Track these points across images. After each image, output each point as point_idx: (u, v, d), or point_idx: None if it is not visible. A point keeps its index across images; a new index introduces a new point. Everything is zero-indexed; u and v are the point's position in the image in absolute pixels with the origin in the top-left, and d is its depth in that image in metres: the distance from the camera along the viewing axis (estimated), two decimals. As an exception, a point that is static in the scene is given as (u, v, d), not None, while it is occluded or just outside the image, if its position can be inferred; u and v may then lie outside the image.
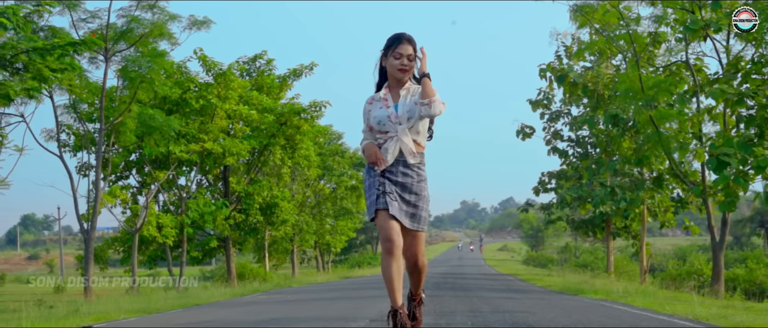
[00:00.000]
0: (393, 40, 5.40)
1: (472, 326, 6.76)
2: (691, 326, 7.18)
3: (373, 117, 5.43)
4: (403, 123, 5.37)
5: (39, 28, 19.93)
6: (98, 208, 23.83)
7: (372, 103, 5.52)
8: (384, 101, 5.45)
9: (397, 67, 5.36)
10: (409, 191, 5.40)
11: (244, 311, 10.74)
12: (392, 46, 5.38)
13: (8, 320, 10.91)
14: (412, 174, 5.42)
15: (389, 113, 5.39)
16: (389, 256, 5.23)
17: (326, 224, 46.06)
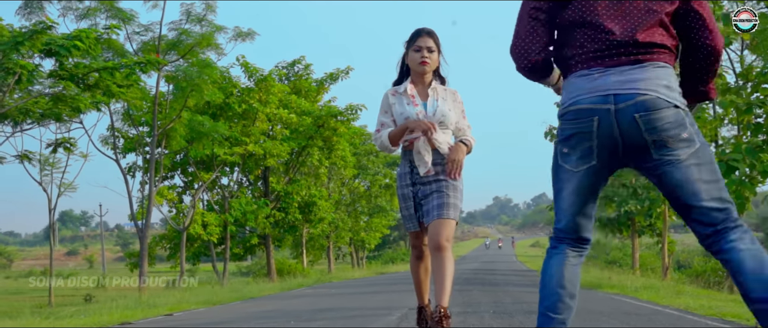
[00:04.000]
0: (414, 34, 5.30)
1: (490, 314, 8.14)
2: (650, 307, 8.58)
3: (399, 113, 5.22)
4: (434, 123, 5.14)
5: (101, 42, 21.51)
6: (151, 208, 25.39)
7: (396, 96, 5.32)
8: (411, 98, 5.26)
9: (418, 61, 5.20)
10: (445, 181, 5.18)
11: (298, 302, 12.14)
12: (413, 40, 5.27)
13: (93, 310, 12.41)
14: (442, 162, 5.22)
15: (417, 111, 5.20)
16: (417, 260, 5.39)
17: (361, 221, 46.83)
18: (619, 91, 3.06)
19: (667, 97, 3.00)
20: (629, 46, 3.10)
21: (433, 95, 5.28)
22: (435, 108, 5.22)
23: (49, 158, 26.43)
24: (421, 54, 5.20)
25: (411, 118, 5.13)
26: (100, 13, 23.91)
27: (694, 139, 3.01)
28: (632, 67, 3.09)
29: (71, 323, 9.57)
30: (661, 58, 3.08)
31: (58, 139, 24.31)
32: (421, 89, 5.32)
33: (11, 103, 20.03)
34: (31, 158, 24.48)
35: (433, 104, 5.24)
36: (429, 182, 5.16)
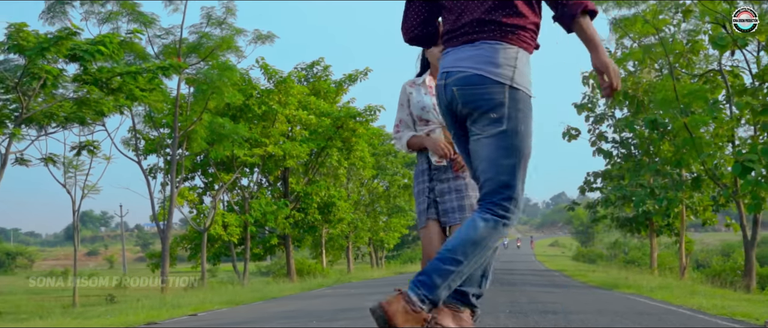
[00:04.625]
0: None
1: (507, 313, 8.35)
2: (663, 306, 8.76)
3: (416, 101, 5.08)
4: None
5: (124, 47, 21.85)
6: (173, 209, 25.71)
7: (414, 87, 5.17)
8: (429, 88, 5.10)
9: (437, 56, 4.85)
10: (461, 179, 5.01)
11: (319, 302, 12.38)
12: None
13: (119, 310, 12.70)
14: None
15: (434, 102, 4.98)
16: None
17: (380, 222, 46.94)
18: (450, 68, 3.29)
19: (489, 73, 3.16)
20: (466, 27, 3.28)
21: None
22: None
23: (73, 161, 26.77)
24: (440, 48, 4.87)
25: (426, 107, 4.99)
26: (121, 17, 24.25)
27: (503, 121, 3.15)
28: (464, 46, 3.27)
29: (99, 323, 9.83)
30: (494, 37, 3.21)
31: (81, 142, 24.69)
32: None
33: (36, 108, 20.40)
34: (56, 161, 24.86)
35: None
36: (447, 179, 4.99)
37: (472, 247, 3.18)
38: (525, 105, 3.18)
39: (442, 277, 3.16)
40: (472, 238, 3.19)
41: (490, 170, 3.23)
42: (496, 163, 3.20)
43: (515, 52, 3.18)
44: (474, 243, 3.19)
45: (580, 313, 8.42)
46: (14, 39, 18.41)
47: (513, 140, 3.17)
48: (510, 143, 3.17)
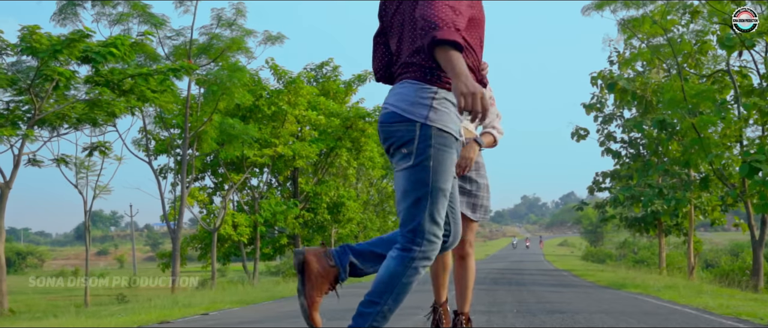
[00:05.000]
0: None
1: (515, 312, 8.47)
2: (669, 306, 8.87)
3: None
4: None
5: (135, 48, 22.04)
6: (183, 209, 25.89)
7: None
8: None
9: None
10: (469, 182, 5.17)
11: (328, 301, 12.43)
12: None
13: (132, 310, 12.85)
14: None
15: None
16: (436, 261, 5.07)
17: (389, 221, 47.10)
18: (383, 105, 3.48)
19: (403, 111, 3.32)
20: (399, 67, 3.49)
21: None
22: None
23: (84, 162, 27.00)
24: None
25: None
26: (132, 19, 24.43)
27: (411, 157, 3.31)
28: (396, 85, 3.48)
29: (113, 322, 9.97)
30: (415, 77, 3.38)
31: (93, 143, 24.90)
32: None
33: (48, 109, 20.61)
34: (68, 162, 25.07)
35: None
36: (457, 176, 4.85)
37: (385, 286, 3.35)
38: (439, 142, 3.30)
39: (363, 320, 3.36)
40: (384, 277, 3.36)
41: (399, 203, 3.40)
42: (404, 196, 3.35)
43: (433, 91, 3.33)
44: (386, 282, 3.35)
45: (586, 312, 8.54)
46: (27, 41, 18.63)
47: (421, 175, 3.30)
48: (418, 178, 3.30)
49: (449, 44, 3.11)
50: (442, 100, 3.35)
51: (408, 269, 3.34)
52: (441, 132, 3.31)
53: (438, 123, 3.31)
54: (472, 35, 3.45)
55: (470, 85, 3.06)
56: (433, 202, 3.31)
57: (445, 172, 3.34)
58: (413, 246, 3.33)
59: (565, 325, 6.96)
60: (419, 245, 3.33)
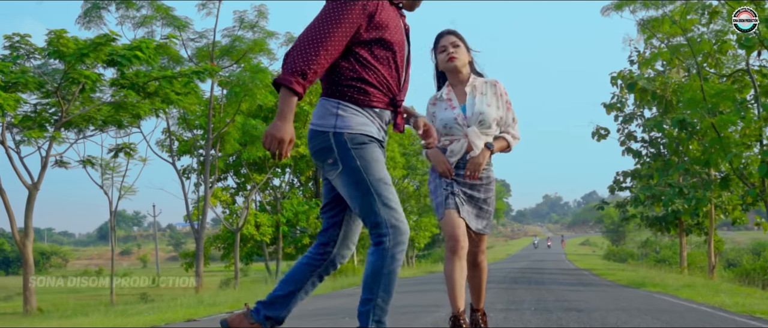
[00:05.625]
0: (435, 39, 5.23)
1: (532, 310, 8.64)
2: (685, 304, 9.01)
3: (438, 120, 5.12)
4: (472, 125, 5.04)
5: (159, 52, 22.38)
6: (207, 209, 26.20)
7: (436, 104, 5.21)
8: (448, 102, 5.13)
9: (445, 59, 5.08)
10: (477, 191, 5.10)
11: (349, 300, 12.64)
12: (435, 45, 5.21)
13: (158, 308, 13.12)
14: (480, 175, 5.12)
15: (455, 115, 5.06)
16: (453, 256, 4.93)
17: (410, 221, 47.20)
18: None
19: (316, 126, 3.73)
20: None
21: (472, 93, 5.12)
22: (473, 108, 5.04)
23: (110, 163, 27.42)
24: (446, 52, 5.10)
25: (448, 123, 5.05)
26: (156, 21, 24.78)
27: (338, 164, 3.67)
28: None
29: (141, 321, 10.21)
30: (324, 93, 3.78)
31: (118, 144, 25.29)
32: (460, 90, 5.17)
33: (75, 111, 20.97)
34: (94, 163, 25.46)
35: (471, 106, 5.06)
36: (465, 183, 5.08)
37: (372, 281, 3.70)
38: (355, 142, 3.65)
39: (365, 319, 3.73)
40: (369, 274, 3.71)
41: (353, 207, 3.74)
42: (353, 200, 3.70)
43: (336, 103, 3.70)
44: (371, 278, 3.70)
45: (603, 310, 8.69)
46: (55, 45, 18.99)
47: (354, 176, 3.65)
48: (353, 180, 3.66)
49: (285, 87, 3.50)
50: (347, 107, 3.69)
51: (386, 259, 3.66)
52: (352, 135, 3.65)
53: (346, 128, 3.66)
54: (377, 55, 3.75)
55: (277, 130, 3.47)
56: (378, 193, 3.64)
57: (373, 162, 3.69)
58: (382, 238, 3.65)
59: (581, 322, 7.12)
60: (386, 234, 3.64)
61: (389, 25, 3.78)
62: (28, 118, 21.27)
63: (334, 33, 3.60)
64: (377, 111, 3.79)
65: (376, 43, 3.75)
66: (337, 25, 3.61)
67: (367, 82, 3.73)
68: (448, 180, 5.06)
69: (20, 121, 20.96)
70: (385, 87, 3.80)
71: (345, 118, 3.67)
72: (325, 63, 3.58)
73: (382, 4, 3.77)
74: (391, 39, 3.78)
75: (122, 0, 24.06)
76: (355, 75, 3.71)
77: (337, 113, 3.68)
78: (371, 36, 3.73)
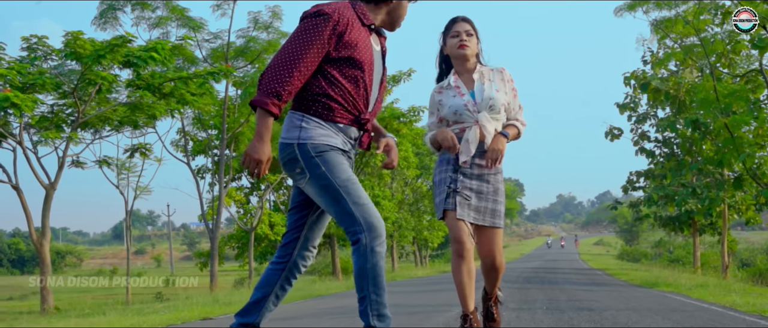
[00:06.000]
0: (449, 23, 5.12)
1: (544, 309, 8.73)
2: (696, 304, 9.08)
3: (447, 107, 5.00)
4: (483, 110, 4.93)
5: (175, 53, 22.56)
6: (221, 209, 26.36)
7: (442, 92, 5.09)
8: (456, 89, 5.01)
9: (456, 45, 4.98)
10: (486, 182, 4.98)
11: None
12: (448, 29, 5.09)
13: (174, 307, 13.28)
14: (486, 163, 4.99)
15: (465, 102, 4.95)
16: (460, 258, 4.91)
17: (424, 221, 47.12)
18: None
19: (283, 138, 3.97)
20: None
21: (480, 80, 5.05)
22: (482, 94, 4.96)
23: (126, 163, 27.67)
24: (459, 38, 5.02)
25: (458, 110, 4.94)
26: (171, 22, 24.96)
27: (305, 173, 3.91)
28: None
29: (157, 320, 10.35)
30: (291, 108, 4.02)
31: (134, 144, 25.51)
32: (467, 78, 5.08)
33: (91, 112, 21.18)
34: (110, 163, 25.68)
35: (480, 91, 4.98)
36: (473, 176, 4.97)
37: (360, 279, 3.88)
38: (317, 151, 3.88)
39: (365, 317, 3.88)
40: (356, 274, 3.90)
41: (328, 211, 3.99)
42: (326, 204, 3.94)
43: (300, 116, 3.95)
44: (359, 276, 3.88)
45: (613, 309, 8.77)
46: (71, 46, 19.18)
47: (322, 182, 3.88)
48: (321, 185, 3.89)
49: (261, 108, 3.76)
50: (309, 120, 3.92)
51: (367, 255, 3.83)
52: (315, 144, 3.89)
53: (309, 139, 3.90)
54: (345, 73, 3.97)
55: (254, 151, 3.75)
56: (347, 193, 3.85)
57: (337, 166, 3.90)
58: (358, 236, 3.84)
59: (592, 321, 7.21)
60: (360, 231, 3.83)
61: (358, 44, 3.98)
62: (45, 119, 21.50)
63: (306, 54, 3.83)
64: (341, 126, 3.99)
65: (344, 61, 3.95)
66: (309, 46, 3.83)
67: (332, 99, 3.94)
68: (453, 176, 4.96)
69: (37, 122, 21.18)
70: (351, 104, 4.01)
71: (308, 130, 3.91)
72: (299, 83, 3.83)
73: (352, 24, 3.98)
74: (360, 58, 3.98)
75: (138, 1, 24.25)
76: (320, 91, 3.93)
77: (301, 126, 3.92)
78: (340, 55, 3.94)
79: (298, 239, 4.20)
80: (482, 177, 4.97)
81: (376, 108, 4.22)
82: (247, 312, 4.20)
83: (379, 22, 4.23)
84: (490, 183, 5.00)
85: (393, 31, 4.35)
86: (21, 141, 20.68)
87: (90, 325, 10.43)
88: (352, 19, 3.99)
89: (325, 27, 3.86)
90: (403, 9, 4.28)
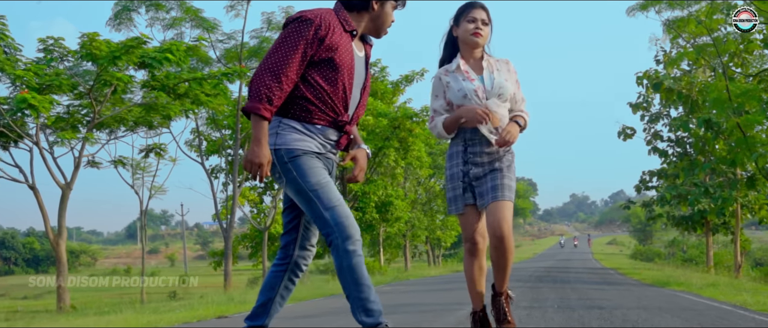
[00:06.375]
0: (465, 6, 4.92)
1: (556, 308, 8.82)
2: (706, 303, 9.16)
3: (455, 90, 4.83)
4: (492, 97, 4.80)
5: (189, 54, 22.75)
6: (235, 208, 26.53)
7: (449, 75, 4.91)
8: (465, 73, 4.86)
9: (471, 31, 4.82)
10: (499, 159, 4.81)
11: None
12: (465, 12, 4.90)
13: (190, 306, 13.41)
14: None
15: (476, 87, 4.80)
16: (471, 256, 4.88)
17: (437, 220, 47.12)
18: None
19: (271, 143, 4.05)
20: None
21: (488, 68, 4.91)
22: (492, 81, 4.83)
23: (141, 163, 27.90)
24: (475, 25, 4.85)
25: (469, 95, 4.78)
26: (185, 23, 25.13)
27: (282, 177, 4.05)
28: None
29: (173, 318, 10.48)
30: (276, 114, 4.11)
31: (149, 145, 25.72)
32: (474, 64, 4.93)
33: (107, 113, 21.38)
34: (126, 163, 25.91)
35: (489, 78, 4.85)
36: (483, 163, 4.81)
37: (341, 280, 4.02)
38: (289, 157, 4.04)
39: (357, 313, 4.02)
40: (338, 275, 4.04)
41: (307, 212, 4.10)
42: (302, 207, 4.09)
43: (277, 121, 4.10)
44: (340, 277, 4.02)
45: (624, 308, 8.85)
46: (87, 48, 19.38)
47: (295, 186, 4.03)
48: (296, 189, 4.04)
49: (253, 113, 3.89)
50: (285, 126, 4.08)
51: (342, 255, 3.96)
52: (288, 149, 4.03)
53: (283, 145, 4.04)
54: (324, 76, 4.10)
55: (254, 155, 3.89)
56: (318, 197, 3.98)
57: (308, 170, 4.03)
58: (330, 237, 3.97)
59: (602, 319, 7.30)
60: (332, 232, 3.96)
61: (339, 48, 4.11)
62: (61, 120, 21.72)
63: (291, 58, 3.97)
64: (319, 128, 4.12)
65: (324, 64, 4.09)
66: (293, 51, 3.98)
67: (310, 102, 4.08)
68: (464, 168, 4.84)
69: (53, 123, 21.38)
70: (329, 107, 4.14)
71: (282, 135, 4.05)
72: (287, 87, 3.97)
73: (334, 29, 4.11)
74: (340, 61, 4.11)
75: (152, 3, 24.43)
76: (299, 94, 4.07)
77: (277, 132, 4.07)
78: (320, 57, 4.07)
79: (295, 239, 4.33)
80: (493, 161, 4.81)
81: (358, 113, 4.35)
82: (256, 316, 4.35)
83: (364, 29, 4.34)
84: (503, 161, 4.82)
85: (379, 37, 4.46)
86: (37, 141, 20.90)
87: (108, 322, 10.56)
88: (334, 24, 4.12)
89: (307, 31, 4.00)
90: (387, 16, 4.36)
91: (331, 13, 4.16)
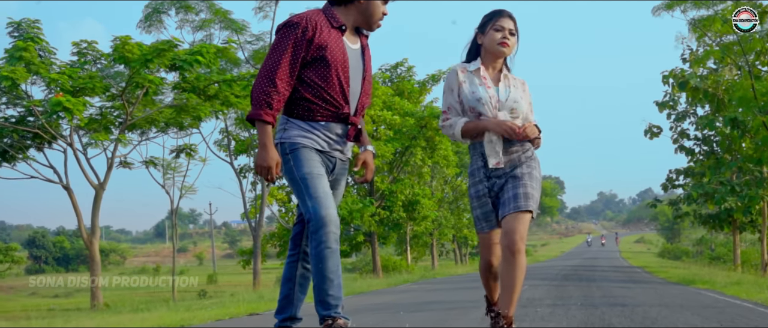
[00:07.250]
0: (493, 13, 4.82)
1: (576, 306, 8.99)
2: (728, 300, 9.29)
3: (470, 92, 4.73)
4: (504, 110, 4.70)
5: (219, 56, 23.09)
6: (263, 207, 26.84)
7: (466, 74, 4.81)
8: (483, 80, 4.77)
9: (498, 41, 4.71)
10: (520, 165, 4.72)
11: (404, 296, 13.12)
12: (492, 19, 4.78)
13: (221, 303, 13.70)
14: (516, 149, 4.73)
15: (491, 95, 4.72)
16: (487, 272, 4.91)
17: (464, 219, 47.10)
18: None
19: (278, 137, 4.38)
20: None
21: (505, 82, 4.80)
22: (508, 94, 4.75)
23: (171, 163, 28.29)
24: (502, 34, 4.74)
25: (483, 100, 4.67)
26: (214, 25, 25.47)
27: (284, 170, 4.32)
28: None
29: (206, 315, 10.74)
30: (283, 111, 4.41)
31: (180, 145, 26.10)
32: (493, 74, 4.83)
33: (139, 114, 21.76)
34: (157, 164, 26.30)
35: (505, 90, 4.76)
36: (504, 173, 4.69)
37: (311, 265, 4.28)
38: (290, 149, 4.34)
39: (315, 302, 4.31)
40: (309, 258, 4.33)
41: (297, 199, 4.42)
42: (295, 195, 4.42)
43: (285, 119, 4.41)
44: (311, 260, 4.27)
45: (646, 305, 8.98)
46: (120, 51, 19.76)
47: (290, 176, 4.34)
48: (290, 178, 4.37)
49: (257, 120, 4.20)
50: (291, 123, 4.38)
51: (312, 243, 4.24)
52: (291, 143, 4.33)
53: (287, 139, 4.35)
54: (319, 73, 4.37)
55: (263, 159, 4.19)
56: (306, 185, 4.27)
57: (303, 161, 4.32)
58: (309, 225, 4.24)
59: (624, 316, 7.45)
60: (309, 220, 4.24)
61: (328, 45, 4.37)
62: (94, 121, 22.11)
63: (283, 61, 4.27)
64: (323, 125, 4.39)
65: (317, 62, 4.35)
66: (284, 54, 4.28)
67: (310, 101, 4.36)
68: (488, 184, 4.73)
69: (86, 124, 21.77)
70: (329, 102, 4.39)
71: (288, 130, 4.38)
72: (284, 89, 4.27)
73: (320, 28, 4.37)
74: (331, 58, 4.37)
75: (182, 5, 24.77)
76: (299, 96, 4.36)
77: (284, 128, 4.39)
78: (312, 56, 4.34)
79: (303, 230, 4.54)
80: (514, 170, 4.69)
81: (361, 103, 4.58)
82: (283, 309, 4.62)
83: (354, 22, 4.55)
84: (523, 167, 4.71)
85: (372, 30, 4.66)
86: (71, 143, 21.29)
87: (143, 320, 10.85)
88: (321, 23, 4.37)
89: (295, 34, 4.28)
90: (376, 8, 4.53)
91: (318, 13, 4.42)
